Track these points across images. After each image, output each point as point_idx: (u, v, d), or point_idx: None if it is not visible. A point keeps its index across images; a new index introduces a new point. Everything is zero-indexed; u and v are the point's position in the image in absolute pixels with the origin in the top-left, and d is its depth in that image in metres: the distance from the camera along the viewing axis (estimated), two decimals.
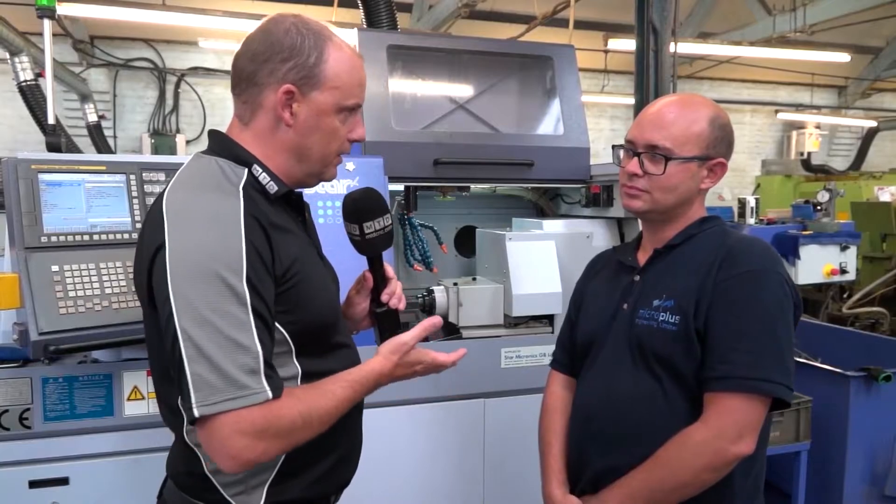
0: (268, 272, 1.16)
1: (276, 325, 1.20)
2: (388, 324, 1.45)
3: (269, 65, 1.23)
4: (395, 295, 1.46)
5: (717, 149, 1.48)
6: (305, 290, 1.24)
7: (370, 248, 1.42)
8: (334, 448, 1.31)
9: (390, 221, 1.42)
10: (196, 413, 1.06)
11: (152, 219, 1.18)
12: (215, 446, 1.09)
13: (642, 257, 1.58)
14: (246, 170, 1.24)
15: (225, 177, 1.21)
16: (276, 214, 1.25)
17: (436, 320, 1.38)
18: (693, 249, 1.49)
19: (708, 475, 1.36)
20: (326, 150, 1.30)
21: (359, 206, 1.40)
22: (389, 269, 1.48)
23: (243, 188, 1.20)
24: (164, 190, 1.21)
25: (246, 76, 1.25)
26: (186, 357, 1.07)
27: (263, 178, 1.24)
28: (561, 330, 1.77)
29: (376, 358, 1.30)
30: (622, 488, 1.43)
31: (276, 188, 1.25)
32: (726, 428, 1.34)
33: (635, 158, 1.50)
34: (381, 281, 1.46)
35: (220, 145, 1.29)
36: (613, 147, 1.61)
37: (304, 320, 1.24)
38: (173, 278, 1.09)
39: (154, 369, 1.29)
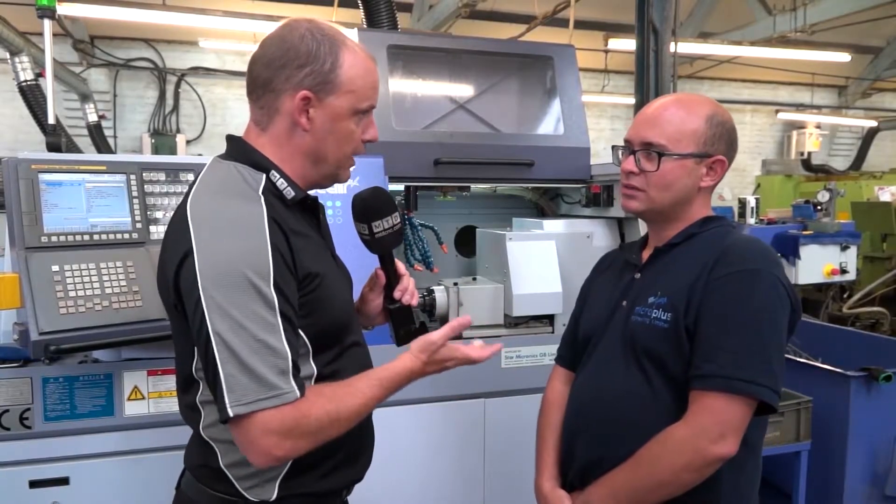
0: (292, 275, 1.20)
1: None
2: (401, 319, 1.49)
3: (286, 71, 1.25)
4: (408, 291, 1.50)
5: (715, 146, 1.47)
6: (324, 293, 1.27)
7: (379, 247, 1.46)
8: (342, 445, 1.33)
9: (399, 220, 1.45)
10: (230, 413, 1.11)
11: (177, 225, 1.21)
12: (246, 444, 1.15)
13: (646, 255, 1.58)
14: (264, 175, 1.27)
15: (246, 182, 1.24)
16: (294, 219, 1.28)
17: (465, 320, 1.41)
18: (692, 248, 1.47)
19: (688, 475, 1.34)
20: (341, 153, 1.33)
21: (367, 206, 1.43)
22: (401, 267, 1.52)
23: (262, 193, 1.23)
24: (188, 195, 1.24)
25: (262, 82, 1.28)
26: (220, 359, 1.12)
27: (281, 183, 1.28)
28: (567, 326, 1.77)
29: (405, 356, 1.33)
30: (605, 485, 1.43)
31: (293, 193, 1.28)
32: (707, 427, 1.32)
33: (631, 156, 1.50)
34: (393, 278, 1.50)
35: (239, 151, 1.32)
36: (613, 147, 1.62)
37: (323, 322, 1.27)
38: (203, 283, 1.13)
39: (178, 369, 1.33)
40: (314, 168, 1.33)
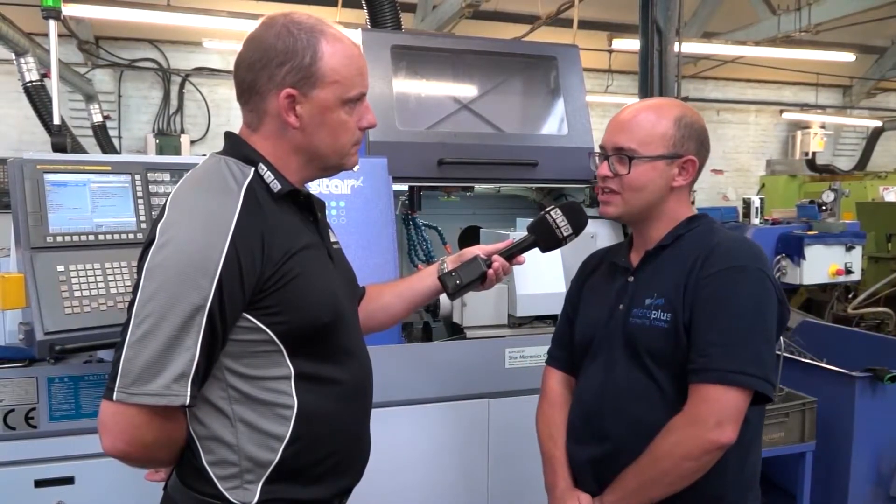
0: (254, 275, 1.18)
1: (261, 325, 1.21)
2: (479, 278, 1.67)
3: (267, 71, 1.24)
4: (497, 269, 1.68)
5: (685, 147, 1.53)
6: (299, 290, 1.23)
7: (551, 245, 1.72)
8: (332, 452, 1.31)
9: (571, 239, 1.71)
10: (115, 396, 1.12)
11: (158, 214, 1.22)
12: (111, 426, 1.14)
13: (634, 258, 1.62)
14: (252, 169, 1.26)
15: (231, 176, 1.24)
16: (280, 213, 1.26)
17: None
18: (681, 248, 1.53)
19: (688, 463, 1.39)
20: (338, 144, 1.31)
21: (581, 225, 1.68)
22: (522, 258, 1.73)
23: (248, 187, 1.22)
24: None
25: (247, 86, 1.27)
26: (129, 339, 1.13)
27: (268, 176, 1.26)
28: (557, 327, 1.80)
29: None
30: (617, 483, 1.48)
31: (279, 186, 1.26)
32: (703, 416, 1.38)
33: (605, 162, 1.56)
34: (511, 257, 1.71)
35: (231, 145, 1.32)
36: (590, 154, 1.66)
37: (296, 321, 1.23)
38: (150, 268, 1.14)
39: None
40: (310, 164, 1.32)
